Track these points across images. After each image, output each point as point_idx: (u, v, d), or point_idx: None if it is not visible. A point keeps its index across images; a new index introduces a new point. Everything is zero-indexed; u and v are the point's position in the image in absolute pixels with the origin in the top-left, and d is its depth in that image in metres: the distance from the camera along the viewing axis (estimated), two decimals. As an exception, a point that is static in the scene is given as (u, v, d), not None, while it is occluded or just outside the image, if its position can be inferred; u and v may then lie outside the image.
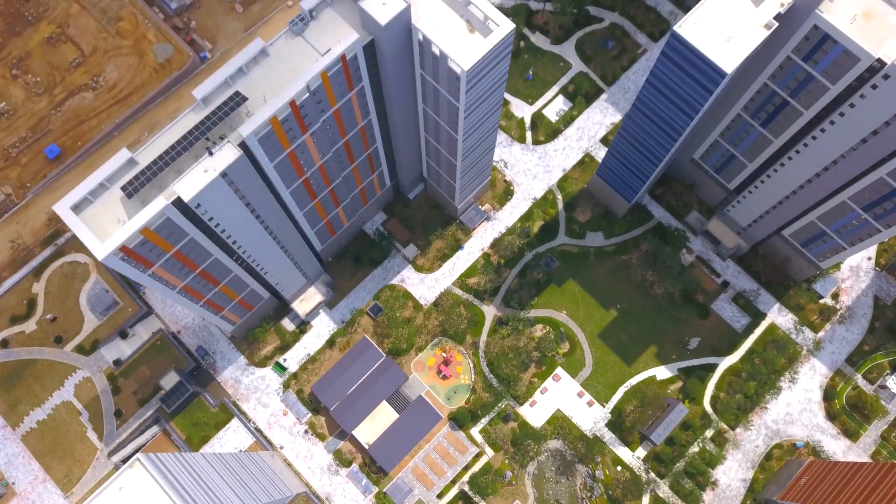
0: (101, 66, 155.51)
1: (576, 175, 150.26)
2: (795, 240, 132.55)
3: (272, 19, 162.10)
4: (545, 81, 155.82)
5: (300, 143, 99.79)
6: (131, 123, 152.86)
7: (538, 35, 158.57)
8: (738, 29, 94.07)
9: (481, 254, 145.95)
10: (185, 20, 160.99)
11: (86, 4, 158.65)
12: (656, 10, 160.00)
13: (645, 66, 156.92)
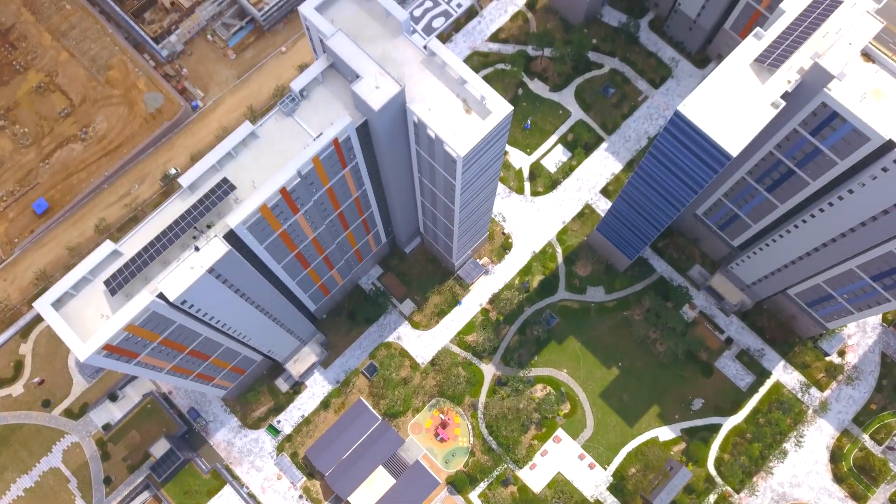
0: (91, 116, 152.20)
1: (576, 227, 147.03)
2: (801, 299, 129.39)
3: (265, 65, 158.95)
4: (544, 130, 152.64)
5: (292, 223, 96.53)
6: (121, 176, 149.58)
7: (537, 82, 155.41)
8: (743, 108, 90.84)
9: (480, 309, 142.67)
10: (177, 67, 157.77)
11: (75, 52, 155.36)
12: (657, 55, 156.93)
13: (645, 112, 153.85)
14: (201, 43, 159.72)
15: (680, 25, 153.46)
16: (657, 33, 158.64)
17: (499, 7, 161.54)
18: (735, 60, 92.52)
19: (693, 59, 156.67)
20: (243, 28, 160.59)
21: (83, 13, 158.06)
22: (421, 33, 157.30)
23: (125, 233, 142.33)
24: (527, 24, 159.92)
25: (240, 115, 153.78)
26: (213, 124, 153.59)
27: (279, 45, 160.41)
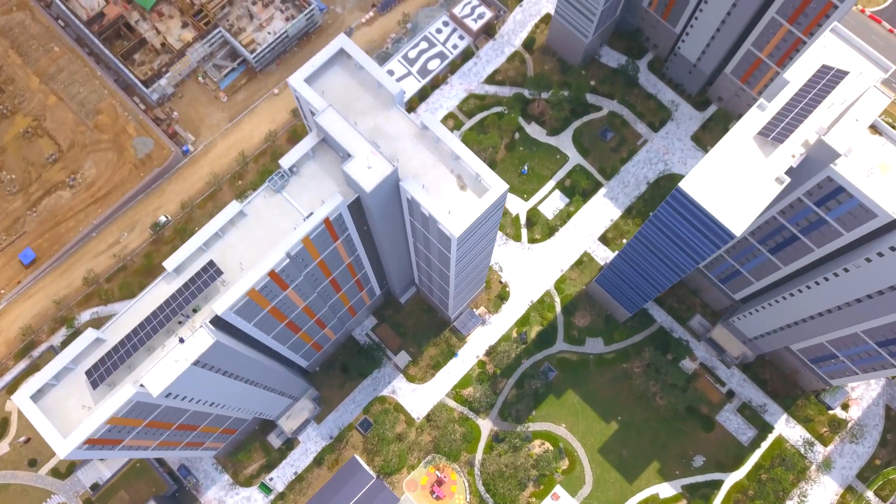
0: (79, 161, 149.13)
1: (574, 276, 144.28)
2: (805, 355, 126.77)
3: (258, 108, 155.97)
4: (541, 176, 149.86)
5: (281, 298, 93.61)
6: (110, 223, 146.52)
7: (534, 125, 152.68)
8: (747, 183, 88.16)
9: (476, 362, 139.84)
10: (167, 110, 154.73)
11: (63, 96, 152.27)
12: (657, 97, 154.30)
13: (645, 157, 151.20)
14: (192, 85, 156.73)
15: (680, 68, 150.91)
16: (656, 74, 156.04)
17: (495, 48, 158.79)
18: (738, 134, 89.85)
19: (693, 101, 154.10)
20: (235, 70, 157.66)
21: (72, 55, 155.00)
22: (416, 76, 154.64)
23: (114, 284, 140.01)
24: (524, 66, 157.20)
25: (231, 160, 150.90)
26: (204, 169, 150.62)
27: (272, 86, 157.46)
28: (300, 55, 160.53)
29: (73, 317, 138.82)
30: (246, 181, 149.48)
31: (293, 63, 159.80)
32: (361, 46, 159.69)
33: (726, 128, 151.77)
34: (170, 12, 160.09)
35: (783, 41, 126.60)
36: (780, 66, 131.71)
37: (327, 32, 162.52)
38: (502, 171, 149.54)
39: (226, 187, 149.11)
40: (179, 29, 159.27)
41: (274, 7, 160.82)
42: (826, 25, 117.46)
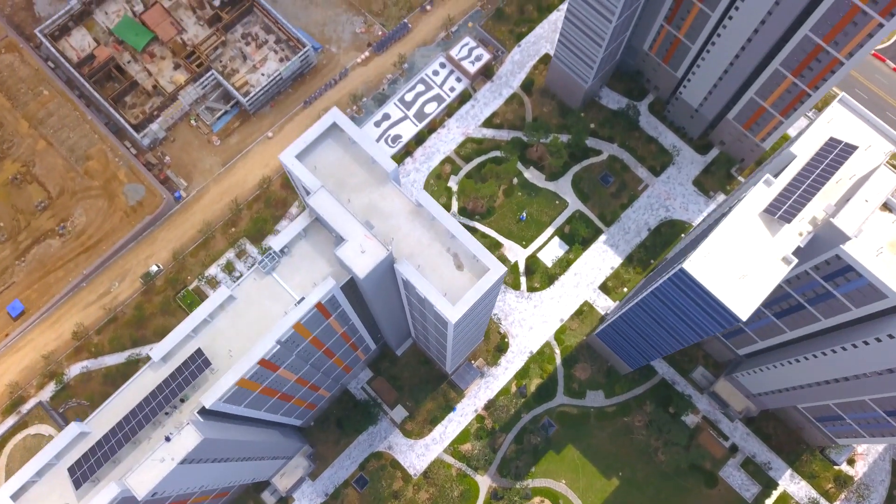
0: (69, 209, 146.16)
1: (574, 326, 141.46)
2: (810, 414, 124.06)
3: (251, 152, 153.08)
4: (540, 222, 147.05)
5: (272, 379, 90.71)
6: (100, 273, 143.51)
7: (532, 170, 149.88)
8: (753, 263, 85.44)
9: (475, 416, 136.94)
10: (159, 155, 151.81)
11: (53, 141, 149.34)
12: (658, 141, 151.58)
13: (646, 202, 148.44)
14: (184, 128, 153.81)
15: (681, 112, 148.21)
16: (657, 117, 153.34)
17: (493, 90, 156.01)
18: (744, 211, 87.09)
19: (694, 144, 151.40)
20: (228, 112, 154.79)
21: (62, 99, 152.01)
22: (413, 119, 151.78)
23: (104, 336, 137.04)
24: (522, 108, 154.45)
25: (224, 206, 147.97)
26: (196, 216, 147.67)
27: (265, 129, 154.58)
28: (294, 96, 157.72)
29: (62, 371, 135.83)
30: (239, 228, 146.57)
31: (287, 104, 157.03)
32: (357, 87, 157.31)
33: (728, 172, 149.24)
34: (161, 53, 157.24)
35: (787, 92, 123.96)
36: (783, 115, 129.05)
37: (322, 72, 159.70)
38: (500, 218, 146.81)
39: (219, 235, 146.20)
40: (171, 70, 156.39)
41: (268, 48, 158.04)
42: (832, 80, 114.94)
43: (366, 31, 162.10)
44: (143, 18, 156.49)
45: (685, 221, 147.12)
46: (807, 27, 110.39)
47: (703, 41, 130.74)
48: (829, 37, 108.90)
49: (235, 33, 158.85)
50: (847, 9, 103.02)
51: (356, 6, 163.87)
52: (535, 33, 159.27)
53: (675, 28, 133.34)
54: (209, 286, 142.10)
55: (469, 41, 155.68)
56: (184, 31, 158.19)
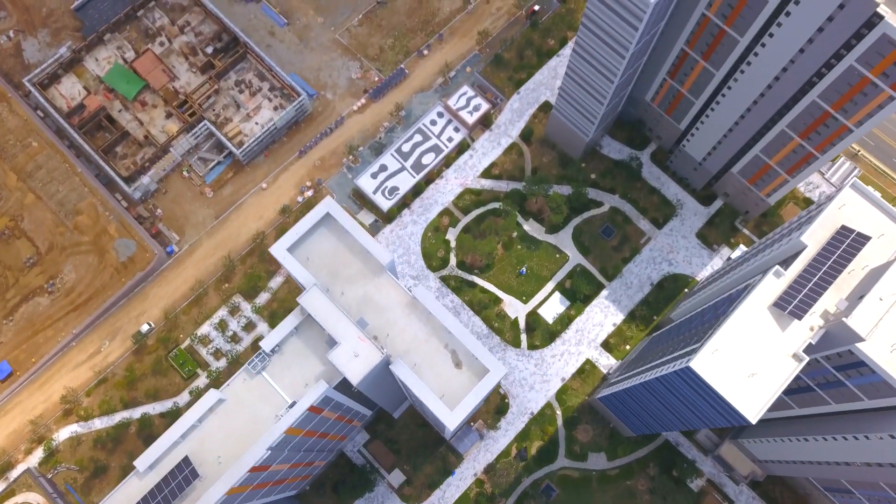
0: (59, 265, 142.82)
1: (576, 385, 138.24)
2: (821, 484, 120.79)
3: (245, 204, 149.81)
4: (540, 277, 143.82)
5: (264, 476, 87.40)
6: (90, 332, 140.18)
7: (532, 223, 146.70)
8: (762, 360, 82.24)
9: (474, 480, 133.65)
10: (151, 207, 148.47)
11: (41, 195, 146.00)
12: (660, 192, 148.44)
13: (648, 256, 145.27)
14: (176, 179, 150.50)
15: (684, 164, 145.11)
16: (660, 166, 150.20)
17: (492, 139, 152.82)
18: (752, 304, 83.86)
19: (698, 195, 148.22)
20: (221, 163, 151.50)
21: (51, 150, 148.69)
22: (410, 171, 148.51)
23: (94, 399, 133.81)
24: (521, 158, 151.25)
25: (217, 261, 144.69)
26: (189, 271, 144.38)
27: (259, 180, 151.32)
28: (289, 145, 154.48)
29: (50, 436, 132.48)
30: (233, 284, 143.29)
31: (282, 153, 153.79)
32: (353, 135, 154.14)
33: (733, 225, 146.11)
34: (153, 101, 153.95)
35: (794, 153, 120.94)
36: (790, 174, 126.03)
37: (318, 120, 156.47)
38: (500, 272, 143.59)
39: (212, 291, 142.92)
40: (163, 119, 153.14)
41: (261, 95, 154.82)
42: (840, 145, 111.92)
43: (362, 77, 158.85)
44: (135, 66, 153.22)
45: (688, 275, 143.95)
46: (815, 93, 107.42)
47: (708, 98, 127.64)
48: (838, 105, 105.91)
49: (229, 80, 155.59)
50: (857, 80, 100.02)
51: (352, 51, 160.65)
52: (535, 80, 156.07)
53: (678, 83, 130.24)
54: (202, 345, 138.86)
55: (467, 90, 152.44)
56: (176, 78, 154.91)
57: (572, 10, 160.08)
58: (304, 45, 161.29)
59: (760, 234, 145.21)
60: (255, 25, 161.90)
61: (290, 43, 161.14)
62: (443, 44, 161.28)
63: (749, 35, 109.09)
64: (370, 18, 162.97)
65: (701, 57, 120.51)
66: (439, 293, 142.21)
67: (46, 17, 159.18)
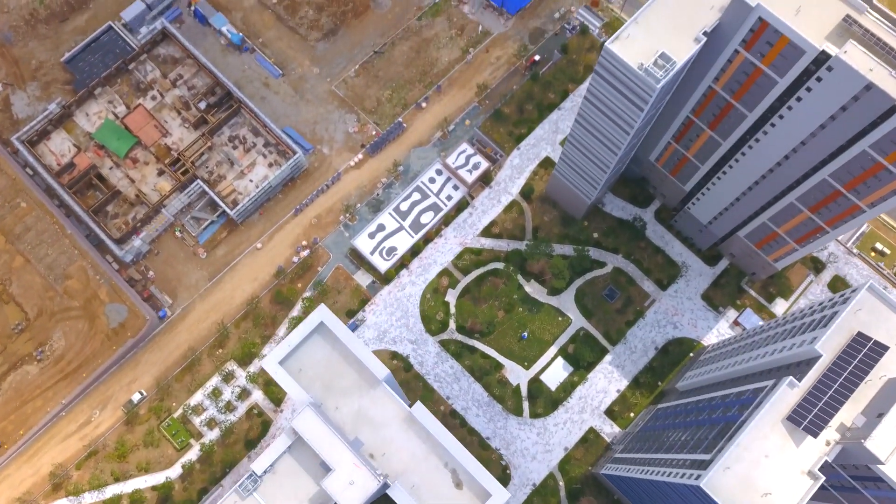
0: (48, 331, 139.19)
1: (579, 455, 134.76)
2: None
3: (239, 264, 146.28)
4: (542, 341, 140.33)
5: None
6: (80, 401, 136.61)
7: (533, 284, 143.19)
8: (776, 478, 78.71)
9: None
10: (143, 270, 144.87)
11: (30, 258, 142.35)
12: (664, 251, 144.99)
13: (653, 319, 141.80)
14: (169, 240, 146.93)
15: (689, 224, 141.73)
16: (664, 225, 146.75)
17: (491, 196, 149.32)
18: (765, 418, 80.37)
19: (703, 255, 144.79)
20: (215, 222, 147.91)
21: (40, 211, 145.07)
22: (409, 231, 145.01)
23: (84, 472, 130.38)
24: (522, 217, 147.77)
25: (211, 325, 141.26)
26: (181, 336, 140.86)
27: (254, 240, 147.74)
28: (285, 202, 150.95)
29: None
30: (227, 350, 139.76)
31: (277, 211, 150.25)
32: (350, 192, 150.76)
33: (739, 287, 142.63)
34: (145, 158, 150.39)
35: (803, 224, 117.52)
36: (799, 244, 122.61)
37: (314, 176, 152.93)
38: (501, 336, 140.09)
39: (205, 357, 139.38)
40: (155, 177, 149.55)
41: (256, 151, 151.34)
42: (853, 223, 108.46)
43: (359, 131, 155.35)
44: (126, 122, 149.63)
45: (694, 339, 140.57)
46: (826, 171, 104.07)
47: (714, 164, 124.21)
48: (850, 185, 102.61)
49: (222, 136, 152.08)
50: (870, 164, 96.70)
51: (348, 103, 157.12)
52: (535, 135, 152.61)
53: (683, 147, 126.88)
54: (195, 414, 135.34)
55: (466, 148, 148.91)
56: (168, 134, 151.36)
57: (574, 61, 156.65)
58: (299, 96, 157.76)
59: (768, 296, 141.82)
60: (250, 76, 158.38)
61: (286, 95, 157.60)
62: (441, 95, 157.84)
63: (758, 112, 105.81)
64: (367, 69, 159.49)
65: (707, 126, 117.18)
66: (438, 358, 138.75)
67: (36, 69, 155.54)
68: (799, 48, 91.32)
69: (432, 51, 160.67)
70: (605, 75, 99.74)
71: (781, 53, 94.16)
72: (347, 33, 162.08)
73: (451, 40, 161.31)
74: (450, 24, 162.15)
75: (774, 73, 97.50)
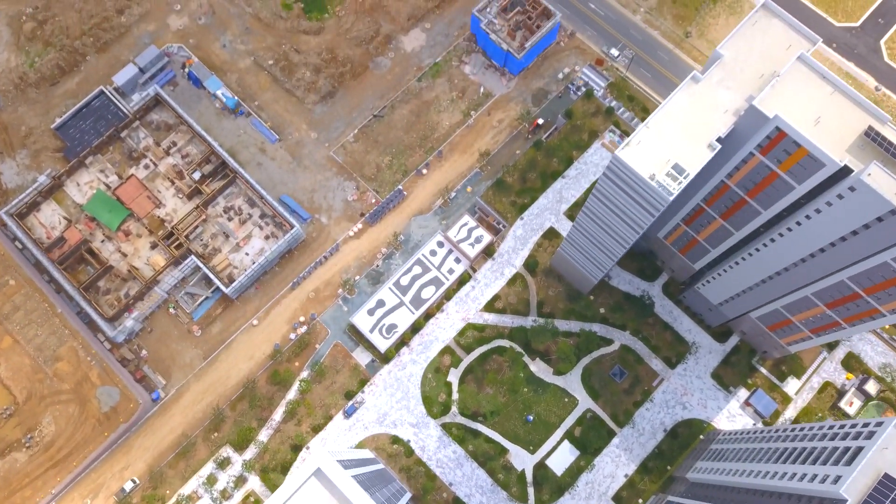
0: (37, 416, 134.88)
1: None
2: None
3: (235, 342, 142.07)
4: (548, 423, 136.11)
5: None
6: (71, 489, 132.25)
7: (539, 363, 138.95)
8: None
9: None
10: (136, 349, 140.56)
11: (20, 338, 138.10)
12: (673, 328, 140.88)
13: (661, 399, 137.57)
14: (162, 317, 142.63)
15: (698, 302, 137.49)
16: (672, 299, 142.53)
17: (494, 269, 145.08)
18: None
19: (713, 331, 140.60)
20: (209, 298, 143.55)
21: (29, 289, 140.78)
22: (409, 307, 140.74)
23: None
24: (526, 290, 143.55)
25: (206, 407, 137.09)
26: (175, 419, 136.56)
27: (250, 316, 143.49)
28: (282, 276, 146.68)
29: None
30: (222, 434, 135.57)
31: (274, 285, 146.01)
32: (349, 263, 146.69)
33: (750, 364, 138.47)
34: (138, 230, 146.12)
35: (819, 317, 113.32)
36: (814, 333, 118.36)
37: (311, 247, 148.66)
38: (506, 419, 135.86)
39: (199, 441, 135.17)
40: (148, 250, 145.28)
41: (252, 223, 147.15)
42: (871, 325, 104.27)
43: (358, 199, 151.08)
44: (118, 193, 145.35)
45: (703, 420, 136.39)
46: (845, 274, 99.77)
47: (725, 250, 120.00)
48: (871, 291, 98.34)
49: (217, 206, 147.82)
50: (892, 275, 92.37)
51: (347, 170, 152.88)
52: (539, 204, 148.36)
53: (694, 231, 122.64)
54: (189, 503, 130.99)
55: (468, 221, 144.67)
56: (162, 204, 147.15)
57: (578, 126, 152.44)
58: (296, 162, 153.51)
59: (779, 375, 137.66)
60: (245, 141, 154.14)
61: (282, 161, 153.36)
62: (442, 161, 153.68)
63: (773, 211, 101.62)
64: (366, 133, 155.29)
65: (719, 215, 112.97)
66: (441, 442, 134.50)
67: (26, 136, 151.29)
68: (819, 161, 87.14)
69: (433, 114, 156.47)
70: (615, 180, 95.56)
71: (800, 163, 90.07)
72: (346, 95, 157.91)
73: (451, 103, 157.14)
74: (450, 86, 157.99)
75: (792, 179, 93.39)
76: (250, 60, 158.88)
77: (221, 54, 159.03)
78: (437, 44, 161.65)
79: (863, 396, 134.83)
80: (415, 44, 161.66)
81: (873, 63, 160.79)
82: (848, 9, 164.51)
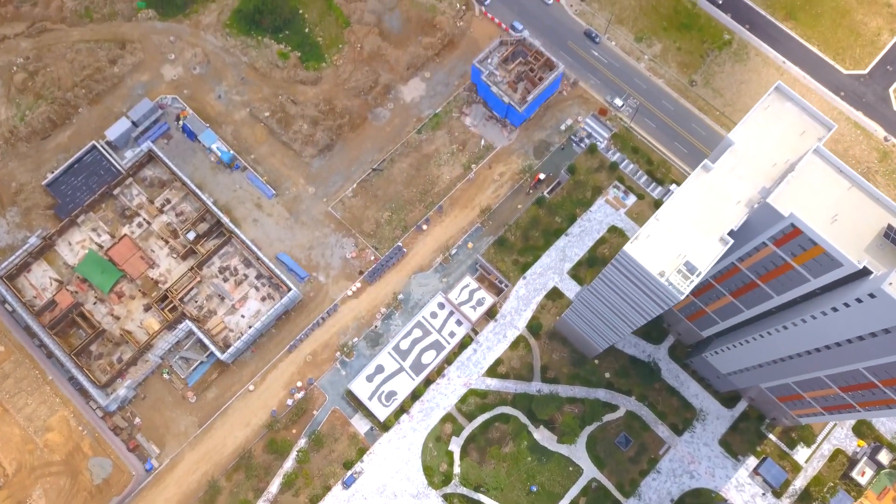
0: (27, 489, 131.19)
1: None
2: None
3: (231, 408, 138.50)
4: (552, 494, 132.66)
5: None
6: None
7: (542, 431, 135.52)
8: None
9: None
10: (129, 416, 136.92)
11: (9, 407, 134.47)
12: (680, 393, 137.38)
13: (668, 467, 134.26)
14: (156, 383, 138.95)
15: (706, 368, 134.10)
16: (678, 363, 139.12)
17: (496, 331, 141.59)
18: None
19: (720, 396, 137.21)
20: (204, 362, 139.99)
21: (19, 355, 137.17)
22: (409, 372, 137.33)
23: None
24: (529, 354, 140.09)
25: (201, 477, 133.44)
26: (169, 490, 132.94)
27: (246, 381, 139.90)
28: (278, 338, 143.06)
29: None
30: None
31: (270, 348, 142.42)
32: (348, 324, 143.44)
33: (759, 431, 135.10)
34: (131, 292, 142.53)
35: (832, 398, 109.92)
36: (827, 412, 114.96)
37: (309, 307, 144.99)
38: (509, 489, 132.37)
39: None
40: (142, 313, 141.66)
41: (248, 284, 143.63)
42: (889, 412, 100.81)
43: (357, 257, 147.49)
44: (110, 254, 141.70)
45: (712, 490, 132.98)
46: (861, 364, 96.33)
47: (735, 323, 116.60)
48: (888, 383, 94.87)
49: (212, 267, 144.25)
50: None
51: (346, 226, 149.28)
52: (542, 263, 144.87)
53: (703, 302, 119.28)
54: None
55: (469, 282, 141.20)
56: (155, 265, 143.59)
57: (581, 182, 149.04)
58: (293, 218, 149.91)
59: (789, 442, 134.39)
60: (241, 197, 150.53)
61: (279, 217, 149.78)
62: (443, 216, 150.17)
63: (786, 297, 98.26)
64: (365, 188, 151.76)
65: (729, 293, 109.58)
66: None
67: (16, 193, 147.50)
68: (836, 260, 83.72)
69: (433, 167, 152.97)
70: (624, 272, 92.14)
71: (816, 259, 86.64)
72: (344, 148, 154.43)
73: (452, 156, 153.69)
74: (451, 139, 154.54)
75: (807, 272, 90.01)
76: (246, 112, 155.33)
77: (217, 105, 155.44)
78: (437, 93, 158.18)
79: (875, 466, 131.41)
80: (414, 94, 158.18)
81: (882, 112, 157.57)
82: (856, 56, 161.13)
